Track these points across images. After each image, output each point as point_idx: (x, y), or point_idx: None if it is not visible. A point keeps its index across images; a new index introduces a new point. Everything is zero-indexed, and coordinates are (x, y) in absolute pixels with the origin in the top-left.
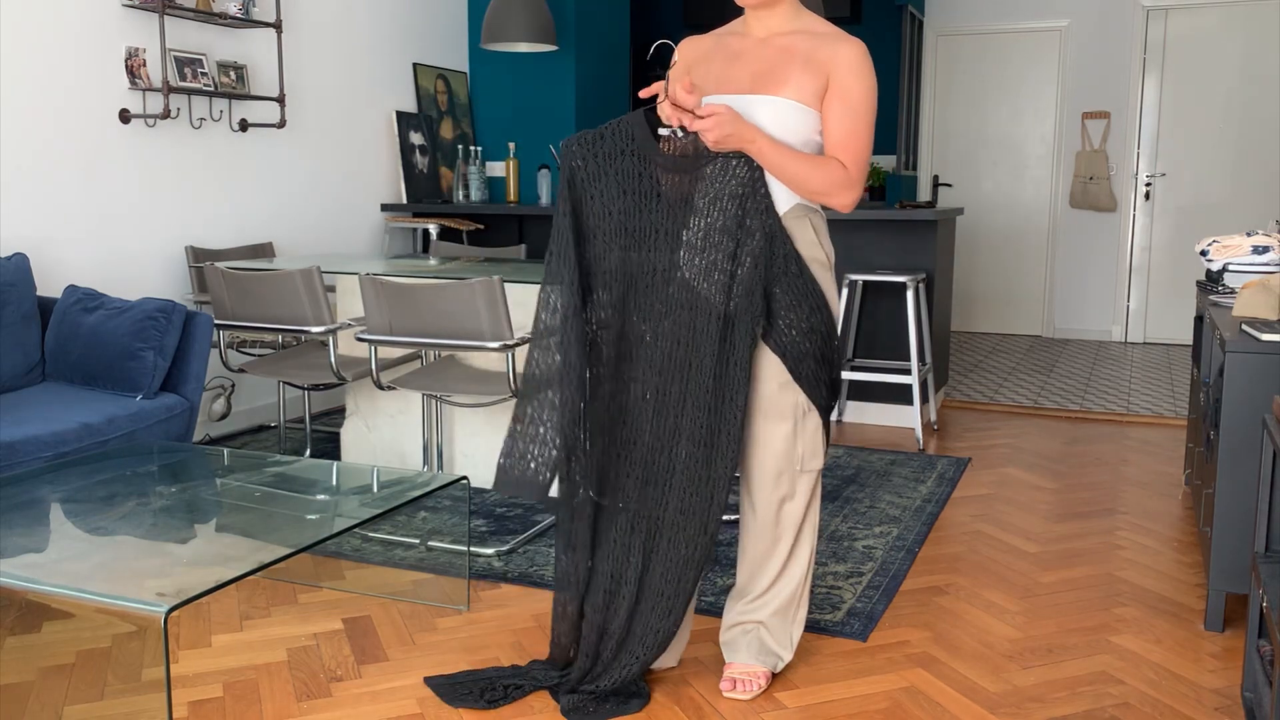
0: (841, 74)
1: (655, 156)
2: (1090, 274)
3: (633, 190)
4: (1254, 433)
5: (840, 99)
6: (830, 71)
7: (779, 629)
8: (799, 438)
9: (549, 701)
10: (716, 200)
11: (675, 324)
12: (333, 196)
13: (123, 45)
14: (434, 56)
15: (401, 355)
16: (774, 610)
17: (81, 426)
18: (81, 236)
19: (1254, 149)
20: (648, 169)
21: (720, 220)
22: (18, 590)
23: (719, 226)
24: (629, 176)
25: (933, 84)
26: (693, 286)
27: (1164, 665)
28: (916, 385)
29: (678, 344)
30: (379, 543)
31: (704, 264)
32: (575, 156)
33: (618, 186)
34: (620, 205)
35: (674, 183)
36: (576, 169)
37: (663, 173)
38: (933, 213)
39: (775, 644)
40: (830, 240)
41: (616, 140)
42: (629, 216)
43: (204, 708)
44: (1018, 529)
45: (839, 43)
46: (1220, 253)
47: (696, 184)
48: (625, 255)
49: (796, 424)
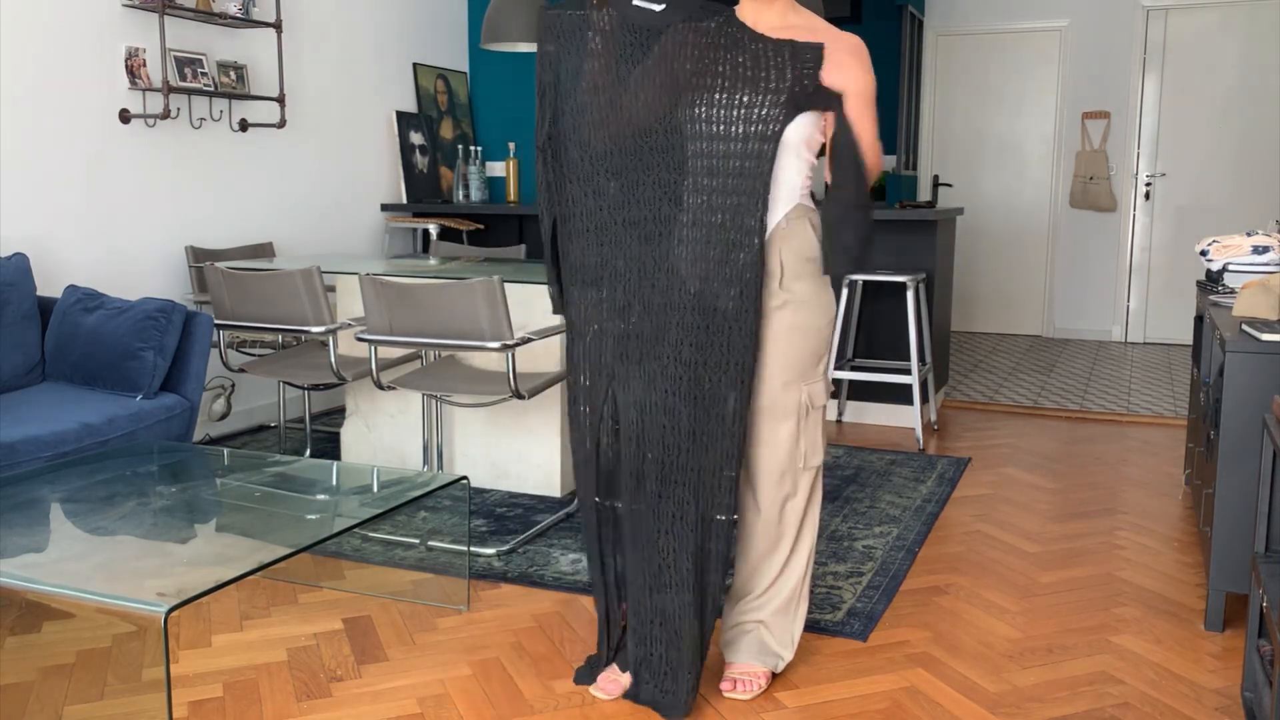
0: (854, 69)
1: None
2: (1090, 274)
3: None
4: (1254, 433)
5: (855, 94)
6: (838, 66)
7: (780, 627)
8: (802, 435)
9: (550, 701)
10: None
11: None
12: (333, 196)
13: (123, 45)
14: (434, 56)
15: (401, 355)
16: (775, 609)
17: (81, 426)
18: (81, 236)
19: (1254, 149)
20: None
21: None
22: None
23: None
24: (609, 68)
25: (933, 84)
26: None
27: (1164, 665)
28: (916, 385)
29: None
30: (379, 543)
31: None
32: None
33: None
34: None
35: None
36: (549, 53)
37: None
38: (933, 213)
39: (776, 643)
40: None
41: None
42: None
43: (204, 708)
44: (1018, 529)
45: (840, 38)
46: (1220, 253)
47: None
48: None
49: (799, 421)
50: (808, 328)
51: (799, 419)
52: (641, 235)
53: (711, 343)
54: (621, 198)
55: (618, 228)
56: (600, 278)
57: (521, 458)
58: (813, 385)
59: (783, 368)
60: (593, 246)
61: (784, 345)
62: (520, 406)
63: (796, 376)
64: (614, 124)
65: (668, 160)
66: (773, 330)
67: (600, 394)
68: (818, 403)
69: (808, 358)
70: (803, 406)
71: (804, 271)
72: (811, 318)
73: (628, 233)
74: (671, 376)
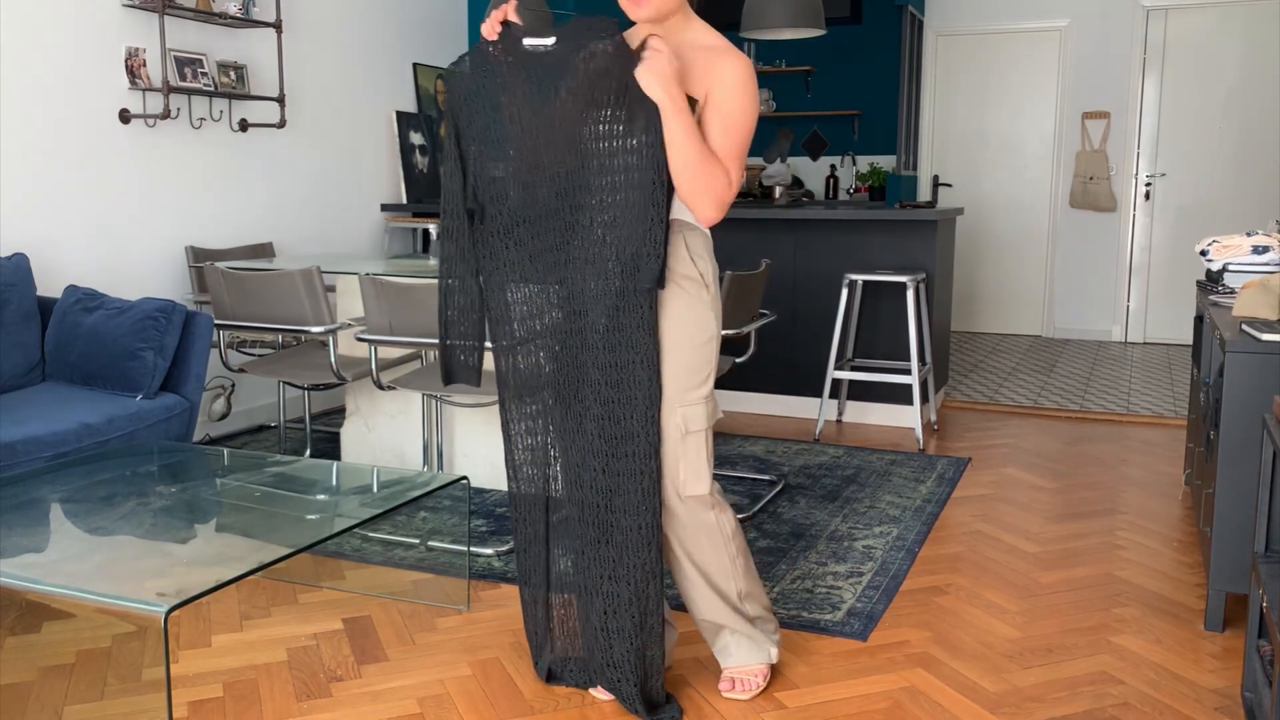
0: (721, 90)
1: (522, 54)
2: (1090, 274)
3: (517, 102)
4: (1254, 433)
5: (718, 114)
6: (710, 87)
7: (744, 624)
8: (681, 461)
9: (550, 701)
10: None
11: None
12: (333, 196)
13: (123, 45)
14: (434, 56)
15: (401, 355)
16: (727, 615)
17: (81, 426)
18: (81, 236)
19: (1254, 149)
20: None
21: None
22: (18, 590)
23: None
24: (496, 109)
25: (933, 84)
26: (596, 237)
27: (1164, 665)
28: (916, 385)
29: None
30: (379, 543)
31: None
32: (454, 88)
33: (499, 103)
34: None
35: (566, 94)
36: (458, 99)
37: (529, 70)
38: (933, 213)
39: (763, 635)
40: (708, 259)
41: (481, 68)
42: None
43: (204, 708)
44: (1018, 529)
45: (722, 58)
46: (1220, 253)
47: (574, 77)
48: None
49: (675, 445)
50: (679, 345)
51: (675, 443)
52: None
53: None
54: (530, 234)
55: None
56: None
57: None
58: (689, 408)
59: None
60: (510, 289)
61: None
62: None
63: (671, 396)
64: (538, 164)
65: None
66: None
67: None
68: (694, 427)
69: (682, 378)
70: (678, 429)
71: (674, 290)
72: (683, 336)
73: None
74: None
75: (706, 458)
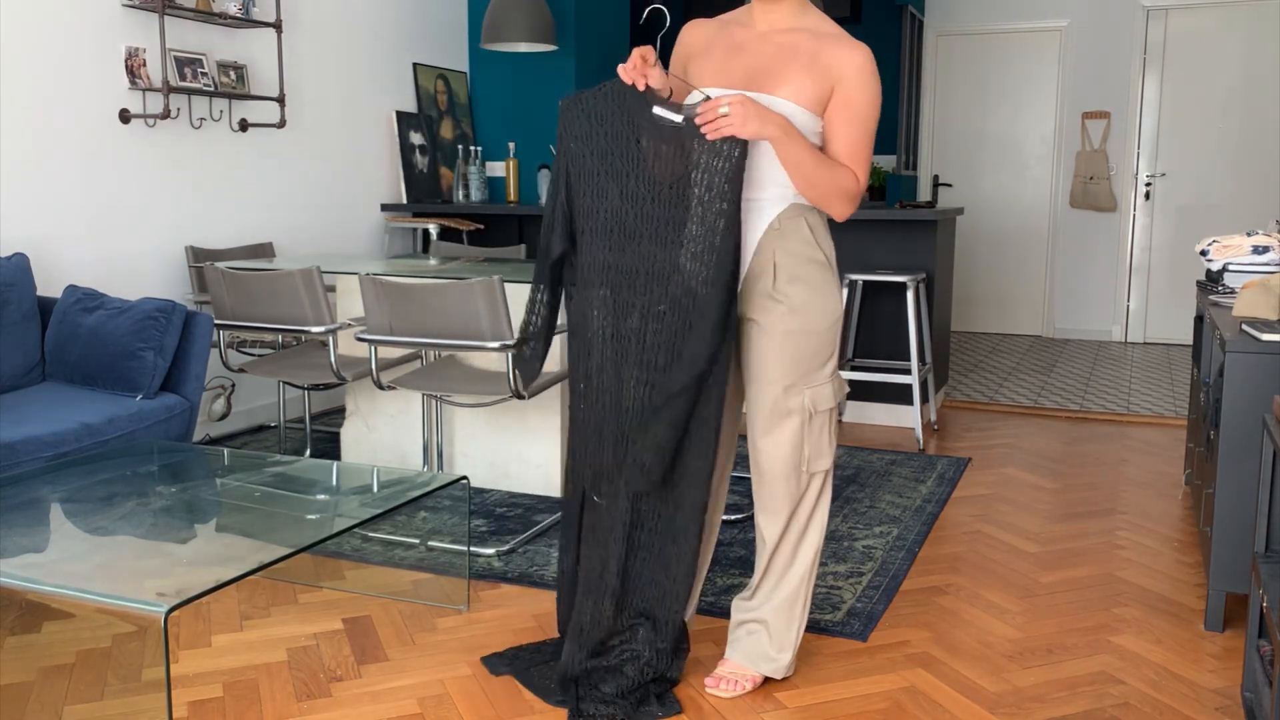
0: (848, 83)
1: (643, 121)
2: (1090, 274)
3: (620, 157)
4: (1254, 433)
5: (845, 109)
6: (836, 79)
7: (779, 627)
8: (806, 439)
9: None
10: (711, 186)
11: (671, 323)
12: (333, 196)
13: (122, 45)
14: (434, 56)
15: (401, 355)
16: (775, 607)
17: (81, 426)
18: (81, 236)
19: (1254, 149)
20: (633, 132)
21: (716, 205)
22: (18, 590)
23: (715, 211)
24: (617, 139)
25: (933, 84)
26: (689, 281)
27: (1164, 665)
28: (916, 385)
29: (675, 336)
30: (379, 543)
31: (700, 252)
32: (570, 116)
33: (605, 149)
34: (608, 179)
35: (661, 155)
36: (568, 129)
37: (650, 140)
38: (933, 213)
39: (774, 646)
40: (829, 238)
41: (609, 100)
42: (618, 188)
43: (204, 708)
44: (1018, 529)
45: (846, 48)
46: (1220, 253)
47: (686, 164)
48: (617, 251)
49: (803, 425)
50: (806, 331)
51: (802, 423)
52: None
53: (705, 343)
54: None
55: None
56: (603, 280)
57: (521, 458)
58: (816, 389)
59: (783, 372)
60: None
61: (781, 349)
62: (520, 406)
63: (798, 380)
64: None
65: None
66: (770, 334)
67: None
68: (821, 406)
69: (808, 361)
70: (805, 410)
71: (800, 274)
72: (809, 321)
73: (619, 222)
74: (649, 380)
75: (829, 436)
